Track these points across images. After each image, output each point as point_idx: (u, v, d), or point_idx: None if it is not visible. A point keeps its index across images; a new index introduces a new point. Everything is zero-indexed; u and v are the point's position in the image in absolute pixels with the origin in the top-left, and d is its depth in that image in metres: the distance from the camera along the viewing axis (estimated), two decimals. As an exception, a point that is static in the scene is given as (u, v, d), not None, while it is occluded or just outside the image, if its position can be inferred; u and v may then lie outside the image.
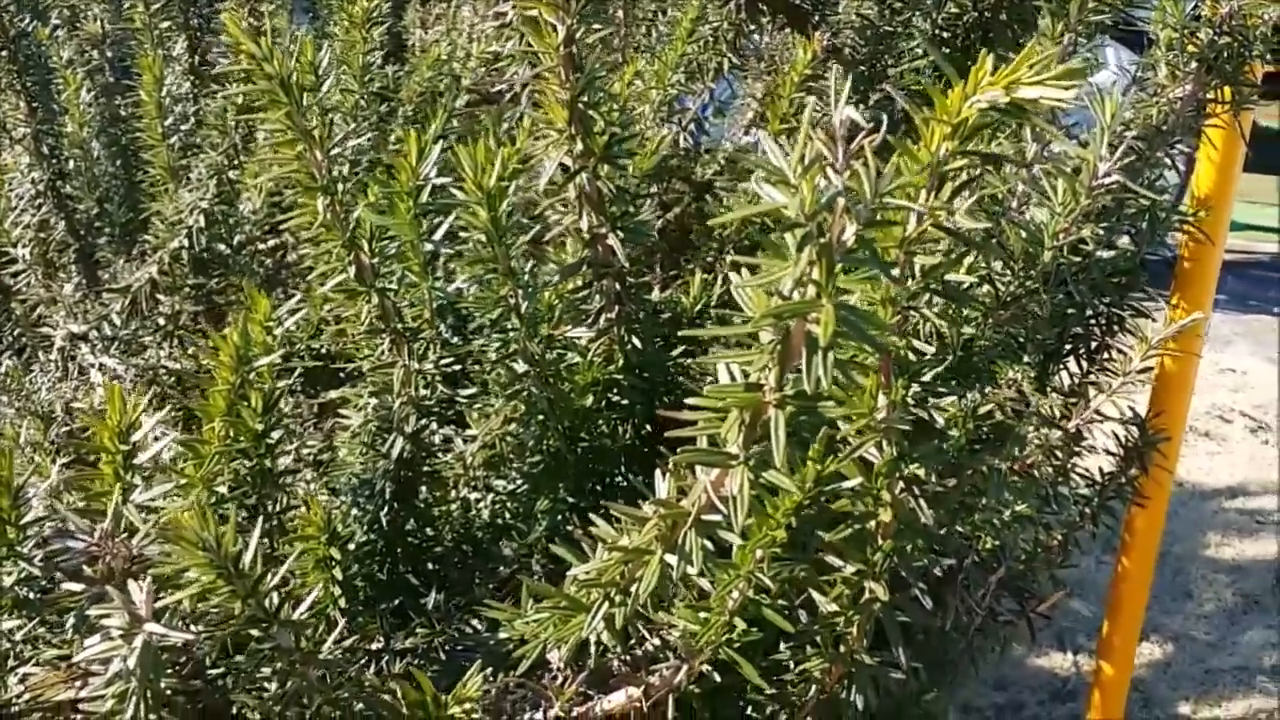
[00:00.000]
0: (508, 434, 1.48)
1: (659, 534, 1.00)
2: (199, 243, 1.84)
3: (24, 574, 0.95)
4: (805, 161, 0.79)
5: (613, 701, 1.15)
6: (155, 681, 0.93)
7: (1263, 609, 4.01)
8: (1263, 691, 3.74)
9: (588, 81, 1.09)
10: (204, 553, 0.96)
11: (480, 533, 1.56)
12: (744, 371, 0.91)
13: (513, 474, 1.52)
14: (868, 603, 1.14)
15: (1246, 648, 3.87)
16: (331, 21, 1.87)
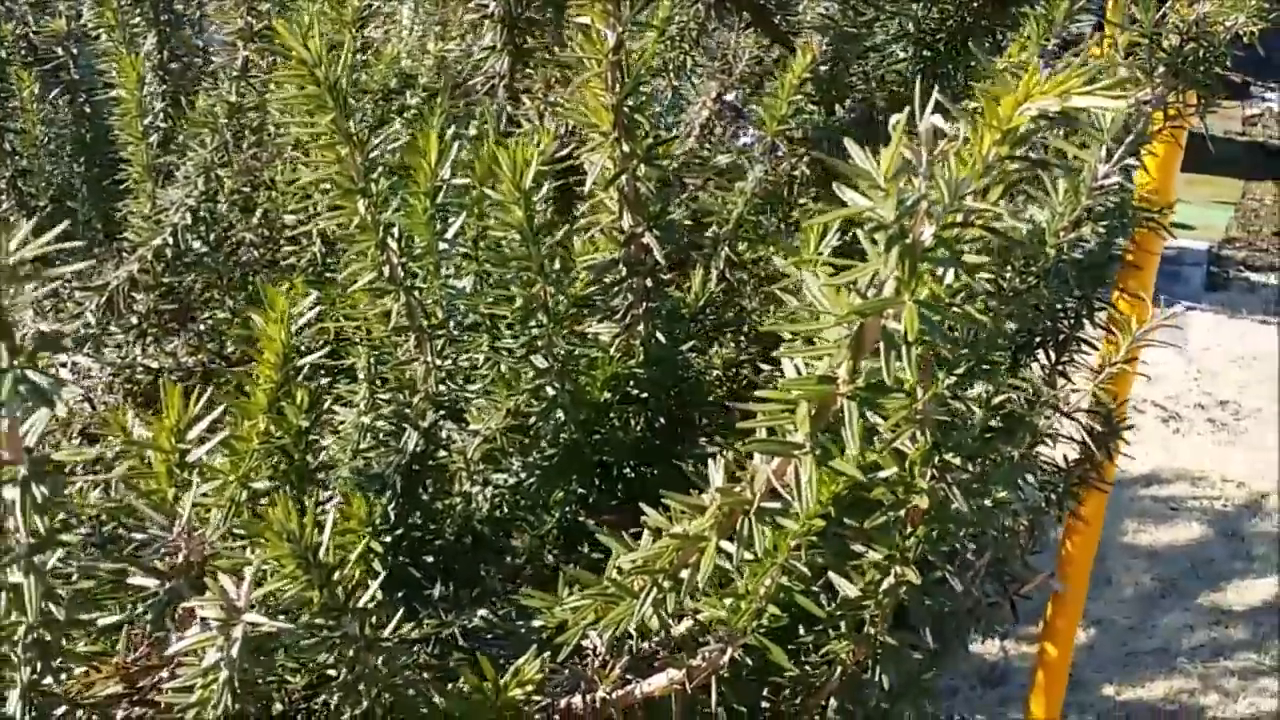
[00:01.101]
0: (510, 428, 1.52)
1: (716, 521, 1.04)
2: (184, 241, 1.84)
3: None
4: (894, 167, 0.84)
5: (653, 684, 1.20)
6: (250, 672, 0.95)
7: (1179, 593, 4.14)
8: (1182, 672, 3.87)
9: (633, 86, 1.13)
10: (289, 544, 0.99)
11: (481, 525, 1.59)
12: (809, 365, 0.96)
13: (515, 467, 1.55)
14: (894, 587, 1.20)
15: (1165, 631, 4.01)
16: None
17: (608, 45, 1.12)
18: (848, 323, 0.90)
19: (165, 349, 2.03)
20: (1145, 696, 3.81)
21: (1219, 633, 4.01)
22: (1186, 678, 3.87)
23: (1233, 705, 3.80)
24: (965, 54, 1.61)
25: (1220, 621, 4.05)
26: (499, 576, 1.57)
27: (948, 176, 0.87)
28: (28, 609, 0.84)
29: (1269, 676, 3.90)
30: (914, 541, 1.14)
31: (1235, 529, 4.40)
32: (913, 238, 0.86)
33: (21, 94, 2.20)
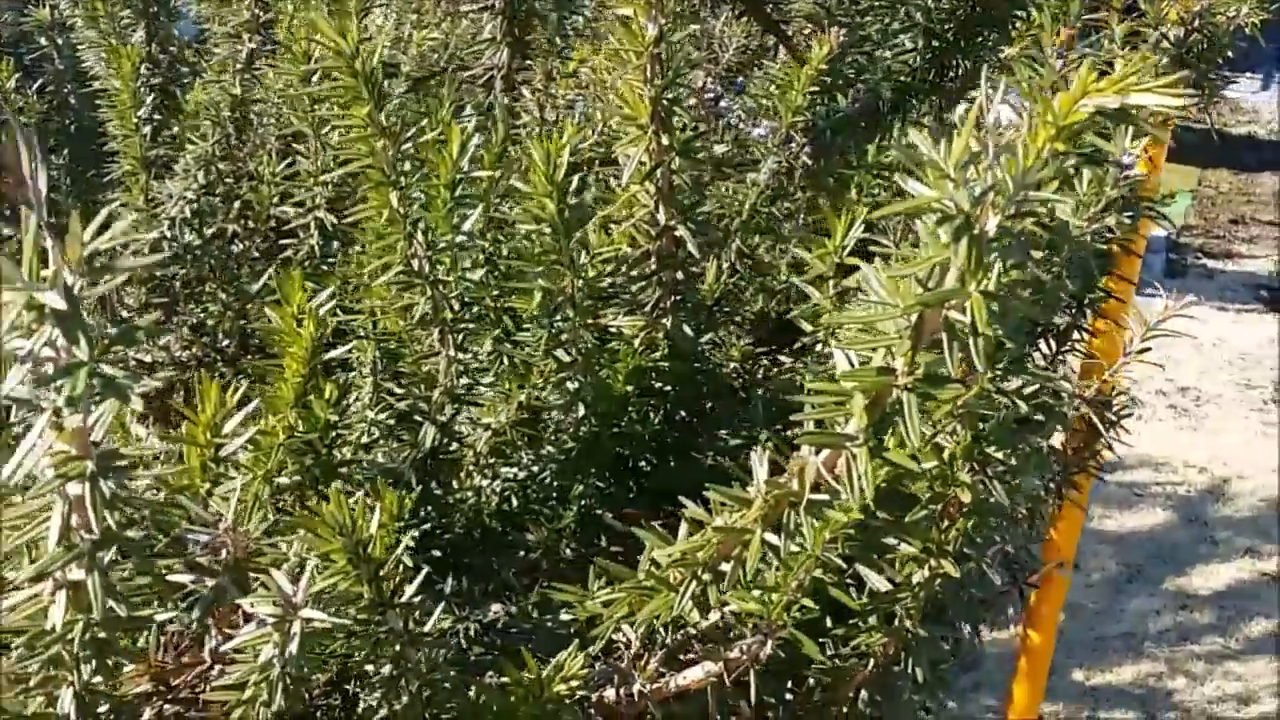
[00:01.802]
0: (519, 421, 1.51)
1: (763, 514, 1.05)
2: (182, 234, 1.83)
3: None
4: (963, 158, 0.84)
5: (688, 677, 1.20)
6: (303, 668, 0.95)
7: (1145, 578, 4.19)
8: (1150, 656, 3.91)
9: (672, 79, 1.13)
10: (340, 538, 0.98)
11: (490, 519, 1.58)
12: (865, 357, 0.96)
13: (524, 460, 1.55)
14: (929, 580, 1.20)
15: (1133, 615, 4.05)
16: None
17: (649, 37, 1.12)
18: (908, 314, 0.90)
19: (158, 343, 2.01)
20: (1114, 681, 3.85)
21: (1185, 617, 4.06)
22: (1154, 662, 3.91)
23: (1200, 688, 3.85)
24: (974, 45, 1.62)
25: (1186, 606, 4.09)
26: (513, 570, 1.57)
27: (1013, 168, 0.87)
28: (93, 606, 0.83)
29: (1234, 660, 3.96)
30: (954, 534, 1.14)
31: (1198, 514, 4.45)
32: (979, 229, 0.86)
33: (4, 85, 2.17)
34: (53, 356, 0.74)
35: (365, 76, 1.15)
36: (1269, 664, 3.93)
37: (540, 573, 1.55)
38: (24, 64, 2.26)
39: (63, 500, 0.81)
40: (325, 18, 1.10)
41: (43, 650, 0.88)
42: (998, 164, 0.86)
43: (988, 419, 1.12)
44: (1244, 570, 4.21)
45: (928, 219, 0.89)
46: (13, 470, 0.76)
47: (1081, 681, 3.85)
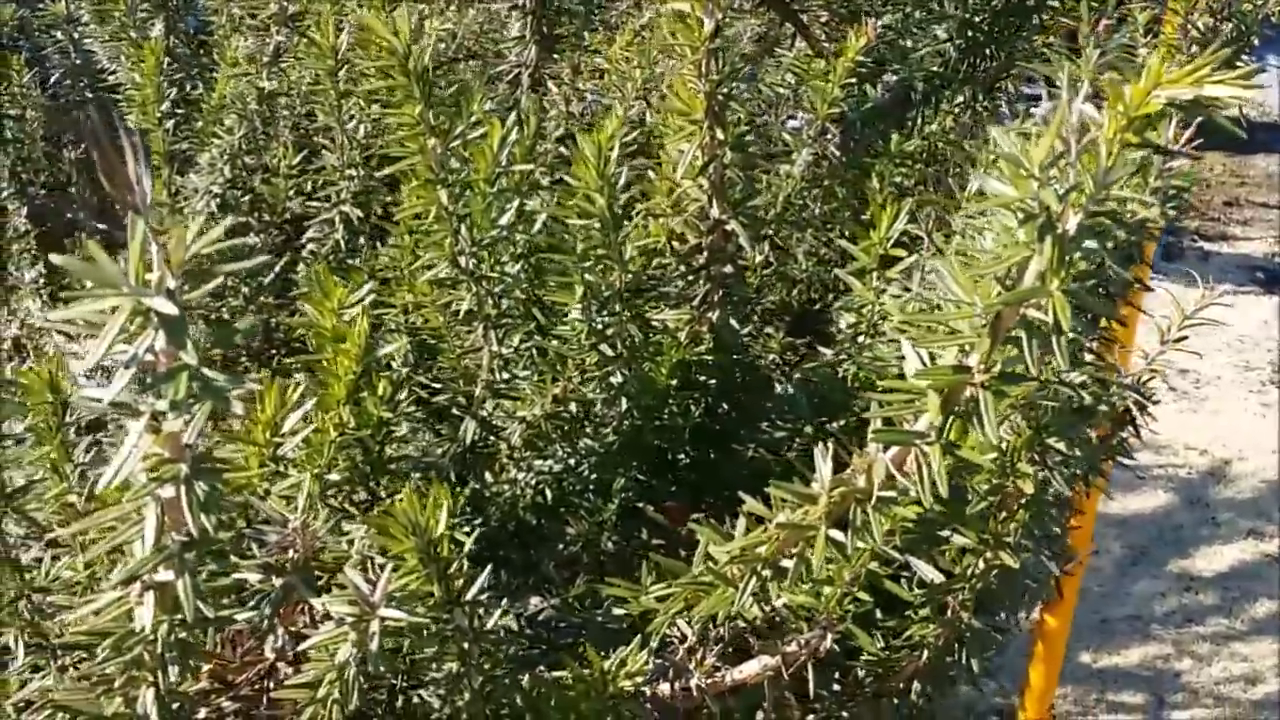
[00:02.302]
0: (552, 414, 1.52)
1: (828, 510, 1.05)
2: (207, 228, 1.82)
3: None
4: (1048, 157, 0.85)
5: (745, 671, 1.20)
6: (379, 667, 0.95)
7: (1150, 560, 4.20)
8: (1156, 638, 3.93)
9: (728, 74, 1.13)
10: (413, 538, 0.98)
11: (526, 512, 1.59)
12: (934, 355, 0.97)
13: (559, 453, 1.55)
14: (985, 571, 1.21)
15: (1138, 598, 4.06)
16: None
17: (705, 32, 1.12)
18: (988, 312, 0.91)
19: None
20: (1121, 663, 3.86)
21: (1189, 599, 4.07)
22: (1160, 644, 3.93)
23: (1206, 669, 3.86)
24: (1008, 35, 1.62)
25: (1190, 588, 4.11)
26: (552, 564, 1.57)
27: (1094, 166, 0.88)
28: (184, 607, 0.83)
29: (1239, 641, 3.97)
30: (1014, 526, 1.15)
31: (1200, 496, 4.47)
32: (1062, 228, 0.87)
33: (23, 79, 2.16)
34: (153, 361, 0.74)
35: (417, 75, 1.14)
36: (1273, 644, 3.94)
37: (580, 566, 1.55)
38: (39, 57, 2.26)
39: (155, 503, 0.81)
40: (377, 16, 1.10)
41: (127, 652, 0.89)
42: (1079, 163, 0.86)
43: (1047, 411, 1.13)
44: (1246, 552, 4.23)
45: (1006, 217, 0.90)
46: (113, 475, 0.76)
47: (1089, 664, 3.86)
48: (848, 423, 1.35)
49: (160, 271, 0.72)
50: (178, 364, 0.74)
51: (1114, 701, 3.81)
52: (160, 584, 0.85)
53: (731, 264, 1.26)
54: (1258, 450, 4.62)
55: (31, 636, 1.09)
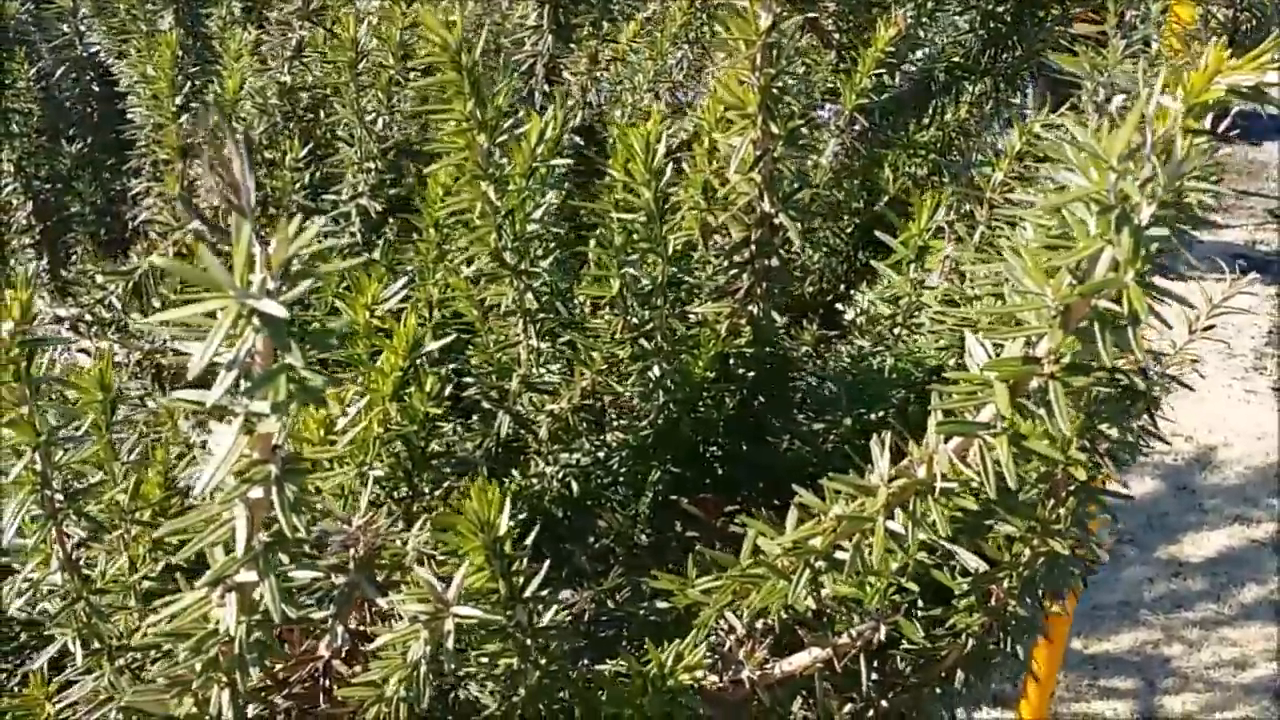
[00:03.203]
0: (580, 408, 1.52)
1: (888, 503, 1.05)
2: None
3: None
4: (1126, 149, 0.85)
5: (795, 662, 1.21)
6: (452, 664, 0.95)
7: (1138, 546, 4.23)
8: (1145, 624, 3.96)
9: (783, 68, 1.13)
10: (480, 534, 0.98)
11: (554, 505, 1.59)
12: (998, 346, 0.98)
13: (587, 446, 1.55)
14: (1033, 559, 1.22)
15: (1127, 584, 4.10)
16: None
17: (762, 26, 1.12)
18: (1060, 303, 0.91)
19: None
20: (1112, 650, 3.90)
21: (1178, 584, 4.11)
22: (1150, 629, 3.97)
23: (1196, 655, 3.90)
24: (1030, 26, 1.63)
25: (1179, 574, 4.15)
26: (584, 557, 1.57)
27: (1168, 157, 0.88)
28: (270, 608, 0.83)
29: (1228, 626, 4.01)
30: (1064, 513, 1.16)
31: (1186, 482, 4.50)
32: (1138, 219, 0.88)
33: (28, 74, 2.15)
34: (250, 363, 0.74)
35: (468, 71, 1.14)
36: (1262, 629, 3.98)
37: (614, 559, 1.55)
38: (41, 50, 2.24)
39: (245, 505, 0.81)
40: (431, 13, 1.09)
41: (206, 653, 0.88)
42: (1154, 155, 0.87)
43: (1099, 398, 1.13)
44: (1234, 537, 4.27)
45: (1078, 209, 0.90)
46: (210, 478, 0.75)
47: (1080, 650, 3.89)
48: (886, 414, 1.36)
49: (263, 273, 0.71)
50: (278, 366, 0.74)
51: (1106, 687, 3.84)
52: (243, 585, 0.85)
53: (778, 257, 1.26)
54: (1242, 437, 4.66)
55: (88, 638, 1.08)
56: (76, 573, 1.05)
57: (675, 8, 2.07)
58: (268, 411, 0.75)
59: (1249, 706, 3.78)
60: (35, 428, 0.97)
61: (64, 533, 1.03)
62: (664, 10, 2.14)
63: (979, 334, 0.98)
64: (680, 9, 2.06)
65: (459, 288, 1.36)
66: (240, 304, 0.70)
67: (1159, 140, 0.87)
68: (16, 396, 0.95)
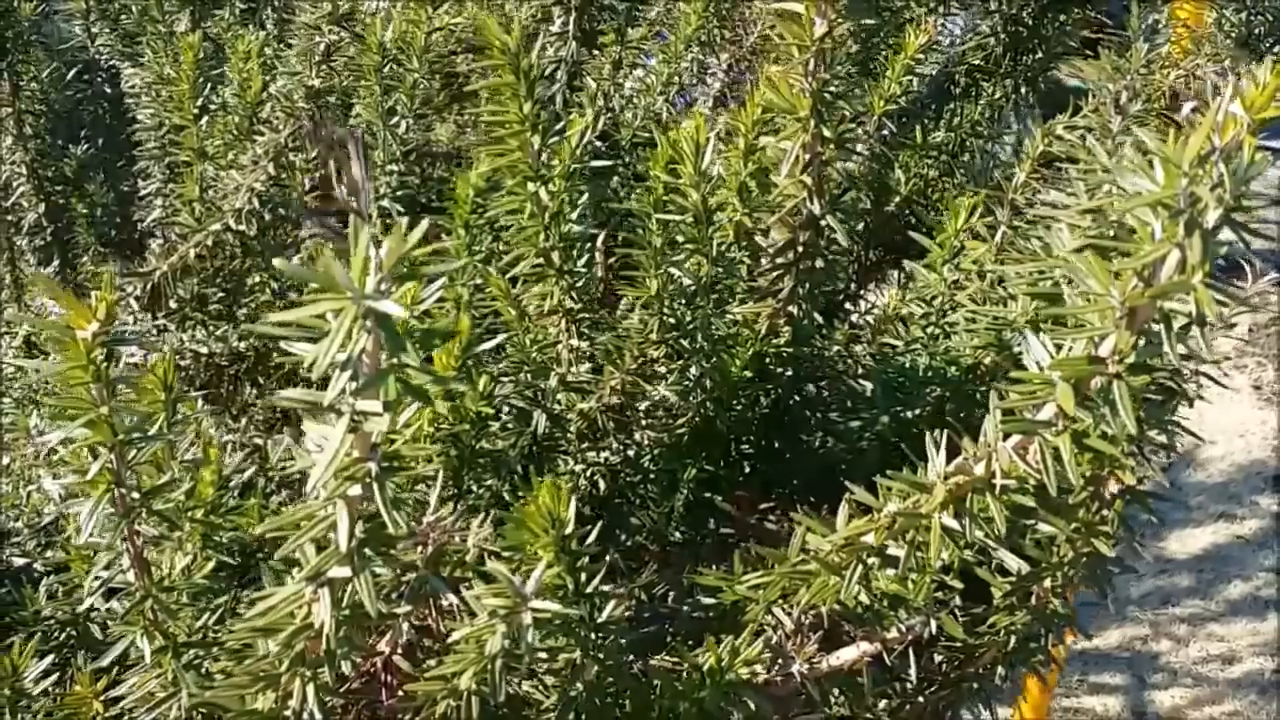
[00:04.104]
0: (608, 406, 1.54)
1: (946, 500, 1.08)
2: (250, 225, 1.83)
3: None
4: (1198, 154, 0.88)
5: (843, 657, 1.23)
6: (531, 658, 0.97)
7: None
8: (1134, 620, 4.00)
9: (837, 72, 1.16)
10: (550, 531, 1.00)
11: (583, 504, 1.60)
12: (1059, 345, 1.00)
13: (615, 445, 1.57)
14: (1077, 558, 1.24)
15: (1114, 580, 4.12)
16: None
17: (816, 32, 1.14)
18: (1127, 304, 0.94)
19: (215, 333, 2.00)
20: (1101, 645, 3.93)
21: (1165, 581, 4.15)
22: (1138, 625, 4.00)
23: (1184, 650, 3.94)
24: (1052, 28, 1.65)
25: (1165, 570, 4.18)
26: (616, 555, 1.59)
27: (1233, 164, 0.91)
28: (367, 604, 0.84)
29: (1215, 622, 4.05)
30: (1111, 514, 1.18)
31: (1172, 479, 4.53)
32: (1206, 223, 0.90)
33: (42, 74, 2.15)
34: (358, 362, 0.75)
35: (525, 73, 1.16)
36: (1249, 625, 4.02)
37: (647, 556, 1.57)
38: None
39: (345, 503, 0.82)
40: (490, 16, 1.11)
41: (293, 648, 0.90)
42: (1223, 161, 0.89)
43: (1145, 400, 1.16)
44: (1219, 534, 4.31)
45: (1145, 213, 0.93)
46: (319, 479, 0.77)
47: (1070, 646, 3.92)
48: (922, 412, 1.38)
49: (380, 274, 0.73)
50: (389, 366, 0.75)
51: (1095, 683, 3.87)
52: (335, 581, 0.86)
53: (823, 259, 1.28)
54: (1225, 434, 4.70)
55: (156, 635, 1.10)
56: (147, 571, 1.06)
57: (690, 10, 2.09)
58: (379, 411, 0.76)
59: (1237, 701, 3.82)
60: (113, 428, 0.98)
61: (135, 531, 1.04)
62: (667, 11, 2.16)
63: (1039, 334, 1.01)
64: (695, 11, 2.08)
65: (497, 287, 1.38)
66: (358, 304, 0.72)
67: (1226, 147, 0.90)
68: (96, 397, 0.96)
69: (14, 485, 1.95)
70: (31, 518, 1.88)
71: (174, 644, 1.11)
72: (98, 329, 0.93)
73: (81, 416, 0.97)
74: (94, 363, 0.95)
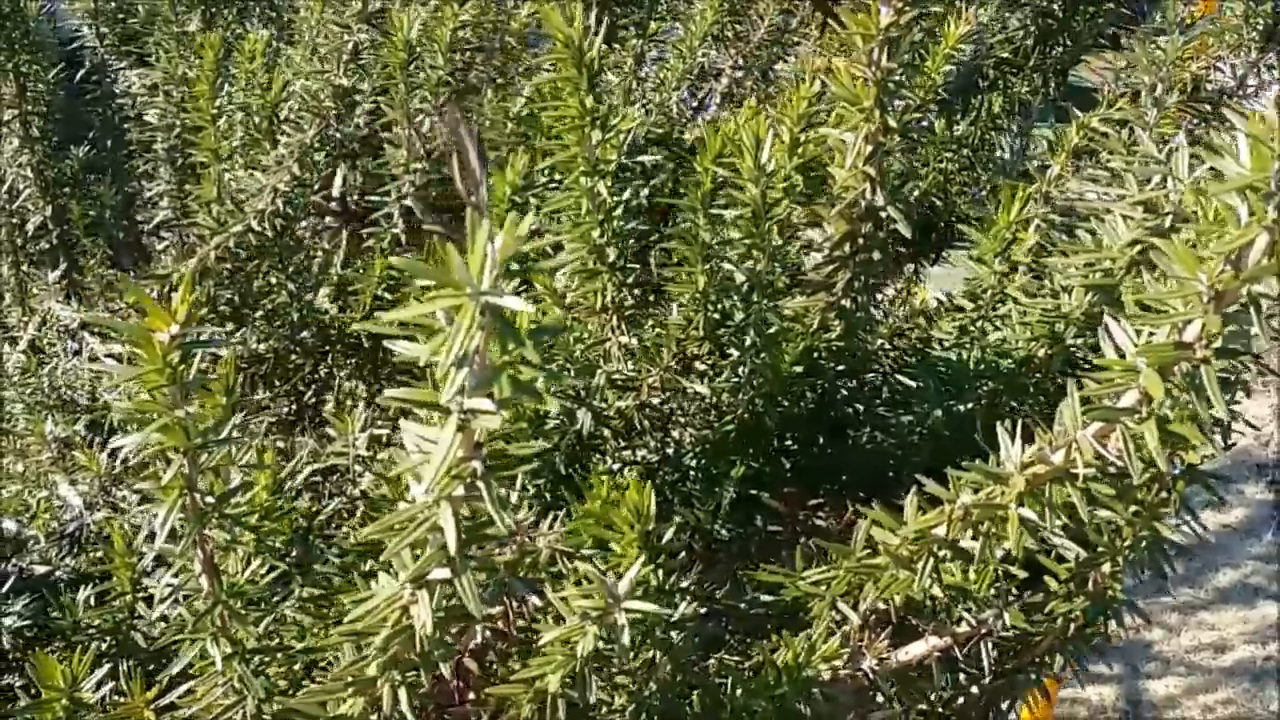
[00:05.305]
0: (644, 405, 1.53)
1: (1024, 491, 1.07)
2: (273, 226, 1.81)
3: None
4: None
5: (911, 652, 1.22)
6: (626, 658, 0.96)
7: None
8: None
9: (901, 63, 1.15)
10: (638, 527, 0.99)
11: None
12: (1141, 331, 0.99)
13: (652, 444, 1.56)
14: (1136, 543, 1.24)
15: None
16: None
17: (883, 22, 1.13)
18: (1215, 289, 0.93)
19: (234, 335, 1.98)
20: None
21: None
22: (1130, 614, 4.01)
23: (1176, 639, 3.95)
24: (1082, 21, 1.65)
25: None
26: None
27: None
28: (470, 606, 0.83)
29: (1205, 610, 4.07)
30: (1173, 498, 1.18)
31: (1161, 470, 4.55)
32: (1291, 206, 0.90)
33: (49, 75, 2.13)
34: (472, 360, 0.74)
35: (588, 67, 1.15)
36: (1238, 612, 4.04)
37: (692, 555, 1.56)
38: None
39: (450, 504, 0.81)
40: (556, 10, 1.10)
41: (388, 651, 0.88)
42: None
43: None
44: (1207, 523, 4.31)
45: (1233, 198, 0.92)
46: (432, 480, 0.76)
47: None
48: (975, 406, 1.37)
49: (497, 271, 0.71)
50: (501, 362, 0.74)
51: (1090, 673, 3.88)
52: (436, 582, 0.85)
53: (881, 251, 1.27)
54: (1213, 423, 4.71)
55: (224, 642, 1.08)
56: (217, 576, 1.04)
57: (706, 5, 2.08)
58: (491, 409, 0.75)
59: (1230, 688, 3.83)
60: (187, 433, 0.96)
61: (206, 537, 1.02)
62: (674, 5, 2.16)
63: (1120, 321, 1.00)
64: (711, 6, 2.08)
65: (543, 285, 1.36)
66: (477, 300, 0.70)
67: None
68: (171, 401, 0.94)
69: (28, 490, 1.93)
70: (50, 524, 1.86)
71: (242, 650, 1.09)
72: (177, 332, 0.91)
73: (157, 421, 0.95)
74: (171, 366, 0.93)
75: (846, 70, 1.16)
